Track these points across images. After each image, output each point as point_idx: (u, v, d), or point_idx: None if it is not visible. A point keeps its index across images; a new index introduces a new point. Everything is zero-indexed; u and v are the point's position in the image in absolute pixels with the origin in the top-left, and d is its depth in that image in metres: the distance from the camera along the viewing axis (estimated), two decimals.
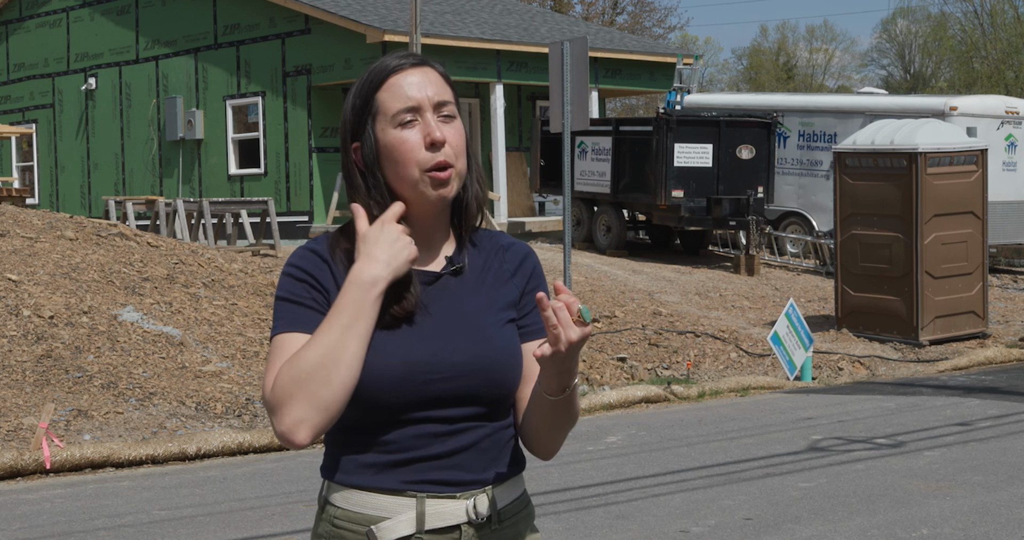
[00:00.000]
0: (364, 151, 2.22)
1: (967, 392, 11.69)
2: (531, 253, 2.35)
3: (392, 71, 2.21)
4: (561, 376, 2.12)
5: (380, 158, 2.21)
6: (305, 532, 6.73)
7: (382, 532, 2.17)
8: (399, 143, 2.19)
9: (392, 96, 2.20)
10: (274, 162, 22.70)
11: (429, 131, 2.18)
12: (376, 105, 2.21)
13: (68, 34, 26.66)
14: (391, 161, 2.20)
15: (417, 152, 2.18)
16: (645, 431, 9.95)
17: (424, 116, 2.19)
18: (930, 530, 6.59)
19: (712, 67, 65.55)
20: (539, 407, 2.19)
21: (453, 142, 2.20)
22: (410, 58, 2.24)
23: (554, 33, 24.32)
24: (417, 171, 2.18)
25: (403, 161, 2.18)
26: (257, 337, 11.90)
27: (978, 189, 14.93)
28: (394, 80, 2.21)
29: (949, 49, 53.91)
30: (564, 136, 12.17)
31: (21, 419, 9.26)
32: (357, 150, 2.23)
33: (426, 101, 2.20)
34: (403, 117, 2.19)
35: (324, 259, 2.23)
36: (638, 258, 19.67)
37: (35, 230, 13.53)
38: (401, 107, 2.19)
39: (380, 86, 2.21)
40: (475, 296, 2.23)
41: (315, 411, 2.06)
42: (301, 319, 2.17)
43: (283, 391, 2.06)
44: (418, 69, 2.22)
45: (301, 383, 2.05)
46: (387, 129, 2.20)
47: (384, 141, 2.20)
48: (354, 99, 2.25)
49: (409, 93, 2.19)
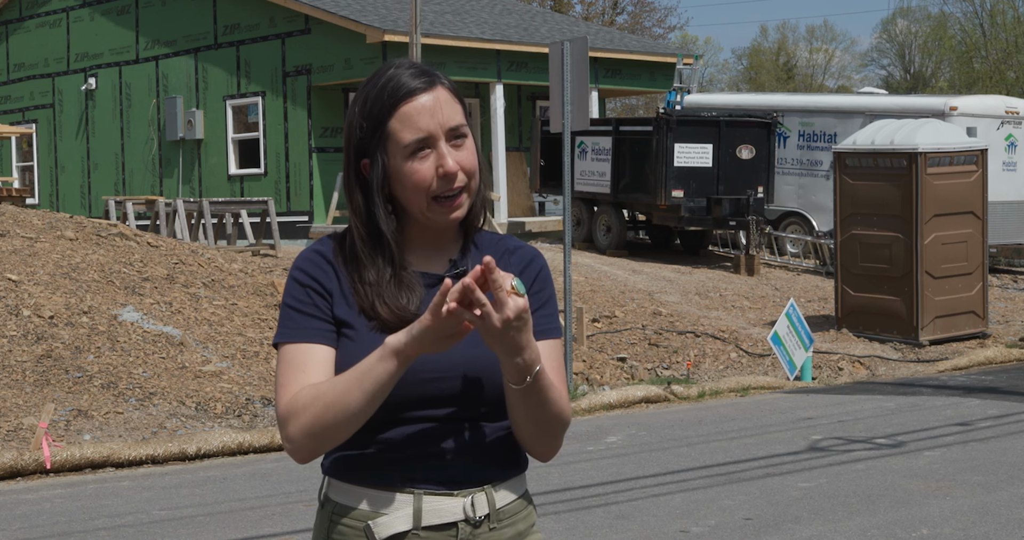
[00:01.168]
0: (373, 173, 2.21)
1: (967, 392, 11.69)
2: (538, 257, 2.35)
3: (403, 98, 2.19)
4: (512, 357, 2.06)
5: (391, 183, 2.21)
6: (305, 532, 6.73)
7: (379, 528, 2.19)
8: (411, 174, 2.18)
9: (404, 126, 2.18)
10: (274, 162, 22.70)
11: (442, 163, 2.18)
12: (387, 132, 2.19)
13: (68, 34, 26.66)
14: (402, 188, 2.21)
15: (429, 183, 2.18)
16: (645, 431, 9.95)
17: (437, 146, 2.19)
18: (930, 530, 6.59)
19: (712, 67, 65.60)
20: (512, 400, 2.16)
21: (466, 166, 2.21)
22: (421, 79, 2.20)
23: (554, 33, 24.32)
24: (427, 200, 2.19)
25: (415, 191, 2.19)
26: (257, 337, 11.90)
27: (978, 189, 14.93)
28: (406, 109, 2.18)
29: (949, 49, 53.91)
30: (564, 136, 12.17)
31: (21, 419, 9.26)
32: (366, 167, 2.23)
33: (438, 130, 2.18)
34: (415, 147, 2.18)
35: (330, 262, 2.24)
36: (638, 258, 19.67)
37: (35, 230, 13.54)
38: (413, 138, 2.18)
39: (391, 113, 2.19)
40: None
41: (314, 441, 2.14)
42: (303, 328, 2.20)
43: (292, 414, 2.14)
44: (429, 93, 2.20)
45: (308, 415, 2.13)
46: (399, 159, 2.19)
47: (396, 169, 2.20)
48: (362, 119, 2.22)
49: (421, 124, 2.18)
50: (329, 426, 2.11)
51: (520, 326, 2.01)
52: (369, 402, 2.09)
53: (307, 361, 2.18)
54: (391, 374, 2.08)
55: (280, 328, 2.23)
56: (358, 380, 2.09)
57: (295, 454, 2.16)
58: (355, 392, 2.09)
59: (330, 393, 2.11)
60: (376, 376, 2.08)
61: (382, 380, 2.08)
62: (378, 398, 2.10)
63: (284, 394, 2.16)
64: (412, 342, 2.05)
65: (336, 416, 2.10)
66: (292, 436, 2.14)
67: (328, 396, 2.11)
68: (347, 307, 2.22)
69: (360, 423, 2.13)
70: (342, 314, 2.22)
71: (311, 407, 2.11)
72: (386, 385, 2.09)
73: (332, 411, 2.10)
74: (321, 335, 2.20)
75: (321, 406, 2.11)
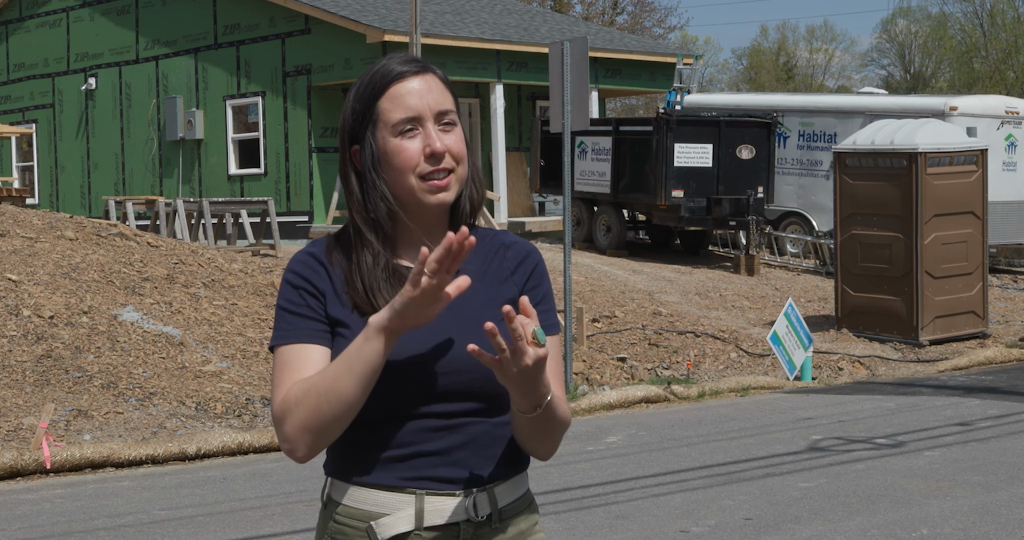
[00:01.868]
0: (363, 156, 2.24)
1: (967, 392, 11.69)
2: (533, 252, 2.36)
3: (394, 79, 2.22)
4: (527, 397, 2.11)
5: (379, 164, 2.23)
6: (305, 532, 6.73)
7: (382, 528, 2.19)
8: (399, 152, 2.21)
9: (393, 105, 2.21)
10: (274, 162, 22.70)
11: (429, 142, 2.21)
12: (377, 113, 2.23)
13: (68, 34, 26.66)
14: (390, 168, 2.22)
15: (416, 162, 2.20)
16: (645, 431, 9.95)
17: (425, 126, 2.21)
18: (930, 530, 6.59)
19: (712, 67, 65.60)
20: (519, 422, 2.20)
21: (454, 150, 2.22)
22: (411, 64, 2.25)
23: (554, 33, 24.32)
24: (416, 180, 2.21)
25: (402, 170, 2.21)
26: (257, 337, 11.90)
27: (978, 189, 14.93)
28: (396, 89, 2.22)
29: (949, 49, 53.91)
30: (564, 136, 12.17)
31: (21, 419, 9.26)
32: (356, 153, 2.26)
33: (427, 111, 2.21)
34: (404, 126, 2.21)
35: (321, 262, 2.26)
36: (638, 258, 19.67)
37: (35, 230, 13.54)
38: (402, 117, 2.21)
39: (382, 94, 2.22)
40: (474, 293, 2.23)
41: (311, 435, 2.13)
42: (298, 329, 2.21)
43: (287, 411, 2.14)
44: (419, 77, 2.23)
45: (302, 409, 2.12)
46: (387, 138, 2.22)
47: (384, 149, 2.22)
48: (354, 103, 2.26)
49: (410, 102, 2.21)
50: (325, 417, 2.11)
51: (536, 372, 2.06)
52: (362, 386, 2.10)
53: (301, 361, 2.19)
54: (379, 353, 2.08)
55: (275, 331, 2.25)
56: (347, 365, 2.09)
57: (294, 453, 2.16)
58: (346, 378, 2.09)
59: (321, 383, 2.11)
60: (365, 357, 2.08)
61: (371, 360, 2.09)
62: (370, 381, 2.10)
63: (278, 394, 2.17)
64: (395, 316, 2.06)
65: (331, 405, 2.10)
66: (289, 435, 2.14)
67: (320, 386, 2.11)
68: (340, 306, 2.23)
69: (355, 410, 2.12)
70: (336, 313, 2.22)
71: (304, 400, 2.12)
72: (376, 366, 2.09)
73: (326, 401, 2.10)
74: (315, 335, 2.21)
75: (315, 397, 2.11)
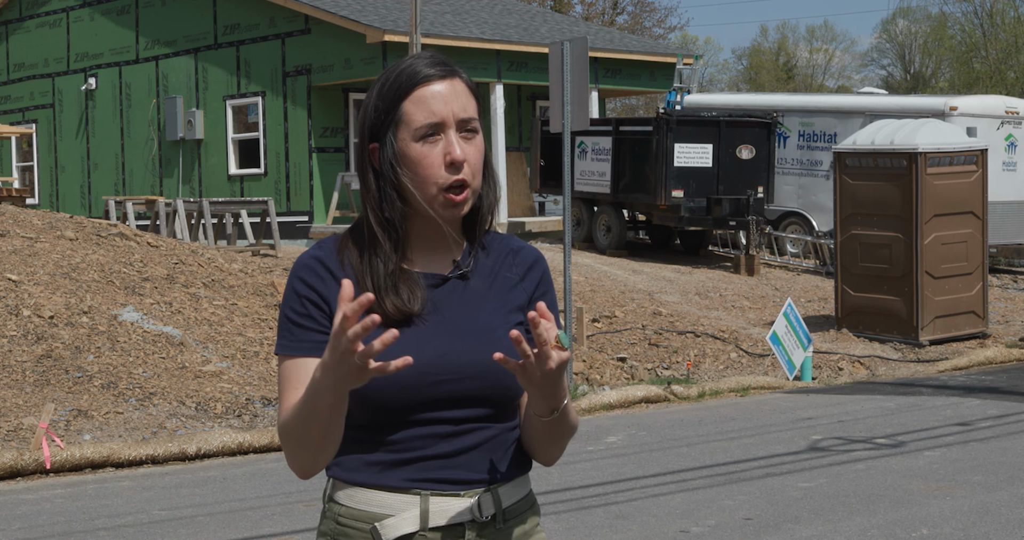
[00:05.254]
0: (383, 155, 2.21)
1: (967, 392, 11.70)
2: (540, 258, 2.36)
3: (420, 82, 2.19)
4: (547, 400, 2.13)
5: (398, 167, 2.20)
6: (305, 532, 6.73)
7: (386, 529, 2.18)
8: (420, 158, 2.18)
9: (417, 108, 2.18)
10: (274, 162, 22.70)
11: (450, 150, 2.18)
12: (400, 114, 2.19)
13: (68, 34, 26.66)
14: (410, 174, 2.20)
15: (436, 169, 2.18)
16: (645, 431, 9.95)
17: (447, 133, 2.19)
18: (930, 530, 6.59)
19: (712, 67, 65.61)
20: (533, 426, 2.22)
21: (472, 161, 2.20)
22: (439, 68, 2.21)
23: (554, 33, 24.32)
24: (434, 188, 2.18)
25: (421, 176, 2.18)
26: (257, 337, 11.90)
27: (978, 189, 14.93)
28: (421, 91, 2.18)
29: (949, 49, 53.92)
30: (564, 136, 12.17)
31: (21, 419, 9.26)
32: (375, 151, 2.23)
33: (451, 117, 2.18)
34: (425, 131, 2.18)
35: (328, 267, 2.23)
36: (638, 258, 19.67)
37: (35, 230, 13.53)
38: (425, 122, 2.18)
39: (407, 95, 2.19)
40: (483, 299, 2.24)
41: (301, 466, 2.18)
42: (300, 341, 2.21)
43: (281, 438, 2.19)
44: (446, 81, 2.20)
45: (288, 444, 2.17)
46: (408, 141, 2.19)
47: (404, 153, 2.19)
48: (377, 101, 2.22)
49: (435, 107, 2.18)
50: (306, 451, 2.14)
51: (559, 375, 2.07)
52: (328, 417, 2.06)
53: (303, 378, 2.17)
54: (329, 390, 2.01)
55: (279, 338, 2.24)
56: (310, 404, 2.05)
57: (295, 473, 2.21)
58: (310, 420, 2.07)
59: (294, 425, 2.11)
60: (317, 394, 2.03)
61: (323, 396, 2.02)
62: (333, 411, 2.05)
63: (279, 412, 2.19)
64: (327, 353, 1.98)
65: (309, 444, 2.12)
66: (287, 460, 2.20)
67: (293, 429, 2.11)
68: None
69: (335, 435, 2.11)
70: None
71: (286, 441, 2.15)
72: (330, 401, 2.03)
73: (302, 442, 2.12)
74: (317, 348, 2.18)
75: (294, 440, 2.13)
